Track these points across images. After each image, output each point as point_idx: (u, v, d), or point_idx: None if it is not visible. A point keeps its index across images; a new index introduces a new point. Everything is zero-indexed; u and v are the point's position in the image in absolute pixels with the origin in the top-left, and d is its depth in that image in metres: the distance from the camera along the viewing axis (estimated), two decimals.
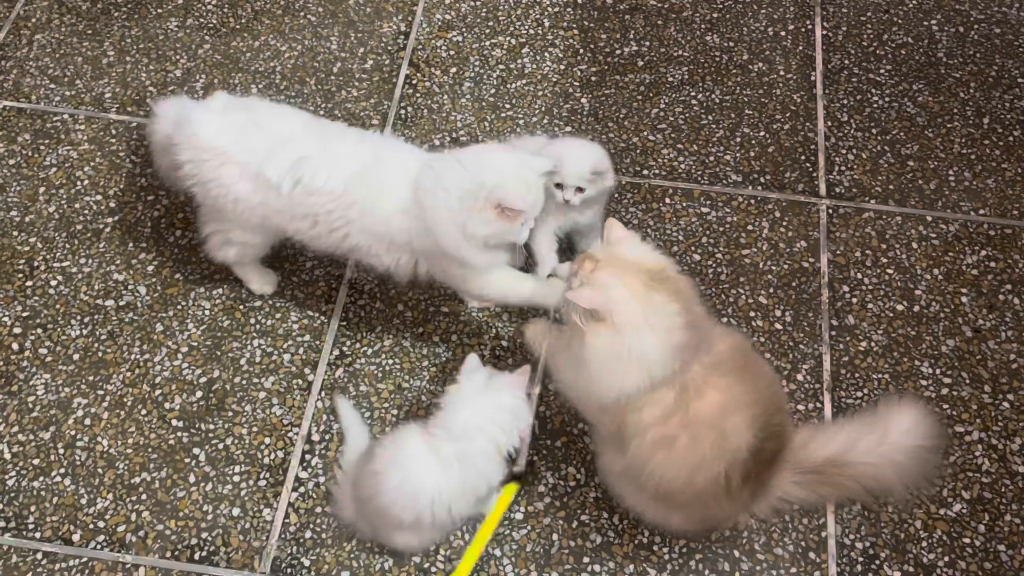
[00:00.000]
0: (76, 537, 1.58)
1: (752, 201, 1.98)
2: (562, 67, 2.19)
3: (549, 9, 2.30)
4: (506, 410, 1.47)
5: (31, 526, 1.59)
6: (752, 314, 1.82)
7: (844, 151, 2.06)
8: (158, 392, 1.73)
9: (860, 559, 1.56)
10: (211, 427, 1.69)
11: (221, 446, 1.67)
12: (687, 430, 1.31)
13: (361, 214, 1.54)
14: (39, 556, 1.56)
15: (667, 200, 1.98)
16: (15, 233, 1.92)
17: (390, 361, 1.76)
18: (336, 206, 1.53)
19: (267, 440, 1.68)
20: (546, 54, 2.22)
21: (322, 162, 1.53)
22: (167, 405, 1.71)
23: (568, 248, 1.81)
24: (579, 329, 1.30)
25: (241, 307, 1.83)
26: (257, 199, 1.56)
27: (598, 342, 1.30)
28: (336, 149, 1.55)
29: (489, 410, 1.46)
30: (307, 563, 1.55)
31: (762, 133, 2.09)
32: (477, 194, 1.45)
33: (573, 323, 1.32)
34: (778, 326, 1.81)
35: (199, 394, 1.72)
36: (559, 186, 1.64)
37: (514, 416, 1.48)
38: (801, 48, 2.24)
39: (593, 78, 2.17)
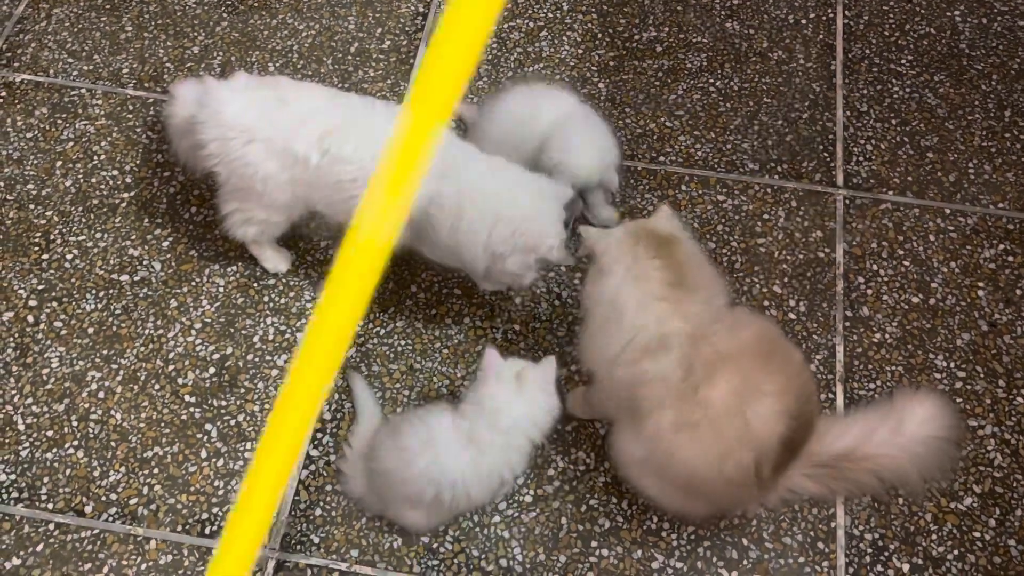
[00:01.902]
0: (88, 509, 1.59)
1: (768, 190, 1.97)
2: (580, 51, 2.18)
3: None
4: (543, 408, 1.49)
5: (44, 497, 1.60)
6: (766, 303, 1.82)
7: (863, 141, 2.04)
8: (171, 367, 1.73)
9: (869, 550, 1.56)
10: (223, 403, 1.70)
11: (233, 422, 1.68)
12: (707, 420, 1.31)
13: None
14: (51, 527, 1.57)
15: (683, 187, 1.97)
16: (32, 206, 1.93)
17: (402, 342, 1.77)
18: (361, 175, 1.53)
19: None
20: (564, 38, 2.20)
21: (351, 132, 1.53)
22: (180, 380, 1.72)
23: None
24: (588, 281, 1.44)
25: (255, 285, 1.83)
26: (285, 176, 1.56)
27: (593, 289, 1.42)
28: (365, 119, 1.55)
29: (528, 409, 1.48)
30: (316, 540, 1.56)
31: (780, 122, 2.07)
32: (528, 244, 1.52)
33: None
34: (792, 316, 1.80)
35: (212, 370, 1.73)
36: None
37: (549, 413, 1.50)
38: (822, 36, 2.22)
39: (611, 63, 2.16)
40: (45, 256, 1.86)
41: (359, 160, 1.52)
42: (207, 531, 1.57)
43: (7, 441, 1.65)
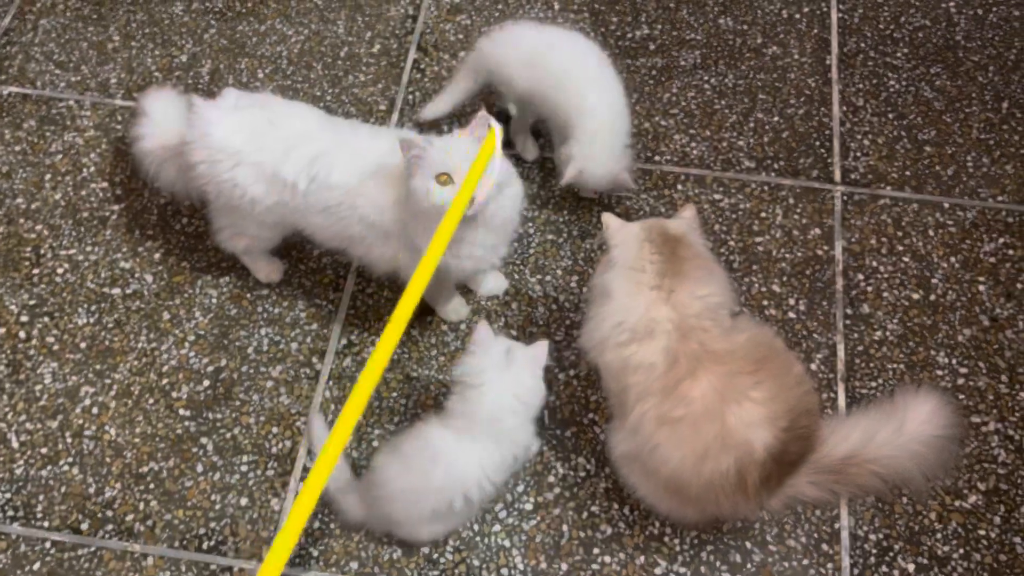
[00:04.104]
0: (84, 526, 1.57)
1: (765, 188, 1.95)
2: None
3: None
4: (527, 389, 1.44)
5: (39, 515, 1.58)
6: (765, 303, 1.80)
7: (859, 136, 2.02)
8: (165, 381, 1.72)
9: (874, 551, 1.55)
10: (218, 416, 1.68)
11: (228, 435, 1.66)
12: (689, 417, 1.30)
13: (364, 203, 1.52)
14: (48, 545, 1.56)
15: (679, 187, 1.95)
16: (21, 220, 1.91)
17: (398, 350, 1.75)
18: (347, 198, 1.51)
19: (275, 429, 1.67)
20: None
21: (338, 157, 1.51)
22: (174, 394, 1.70)
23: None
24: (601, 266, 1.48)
25: (248, 295, 1.81)
26: (273, 199, 1.55)
27: (599, 278, 1.44)
28: (350, 144, 1.53)
29: (513, 390, 1.43)
30: (315, 553, 1.55)
31: (776, 118, 2.05)
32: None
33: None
34: (791, 315, 1.78)
35: (206, 383, 1.71)
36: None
37: (535, 395, 1.46)
38: (816, 31, 2.20)
39: None
40: (36, 271, 1.85)
41: (345, 185, 1.51)
42: (204, 546, 1.55)
43: (1, 459, 1.63)
